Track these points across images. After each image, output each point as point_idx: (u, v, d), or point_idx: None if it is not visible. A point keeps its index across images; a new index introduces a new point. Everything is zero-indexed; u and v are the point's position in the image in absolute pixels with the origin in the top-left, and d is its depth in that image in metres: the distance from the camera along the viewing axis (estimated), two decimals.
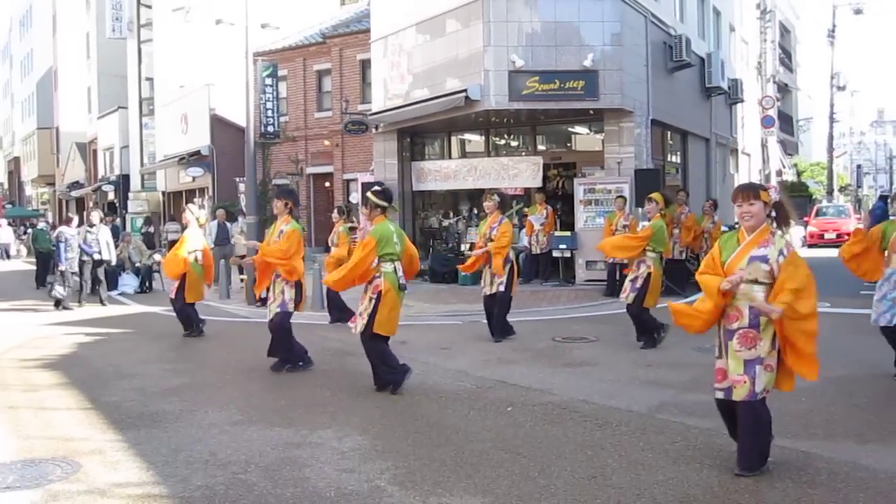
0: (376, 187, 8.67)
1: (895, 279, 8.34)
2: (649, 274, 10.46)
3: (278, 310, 9.51)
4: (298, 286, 9.61)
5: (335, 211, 14.49)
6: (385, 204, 8.40)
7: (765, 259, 5.39)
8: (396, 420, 7.15)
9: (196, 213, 12.24)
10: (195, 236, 12.59)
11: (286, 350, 9.62)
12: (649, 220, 10.89)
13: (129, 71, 39.98)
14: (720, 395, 5.54)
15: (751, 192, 5.51)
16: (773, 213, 5.53)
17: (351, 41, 28.82)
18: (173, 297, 12.37)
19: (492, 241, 11.34)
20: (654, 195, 11.00)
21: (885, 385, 8.14)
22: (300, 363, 9.64)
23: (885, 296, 8.39)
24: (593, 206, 17.98)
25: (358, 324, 8.26)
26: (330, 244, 13.42)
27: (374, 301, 8.11)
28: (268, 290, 9.82)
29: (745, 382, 5.39)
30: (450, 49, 18.48)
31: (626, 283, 10.74)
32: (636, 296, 10.50)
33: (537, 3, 17.63)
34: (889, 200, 9.51)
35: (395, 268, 8.19)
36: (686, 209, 16.89)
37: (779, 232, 5.53)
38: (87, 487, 5.50)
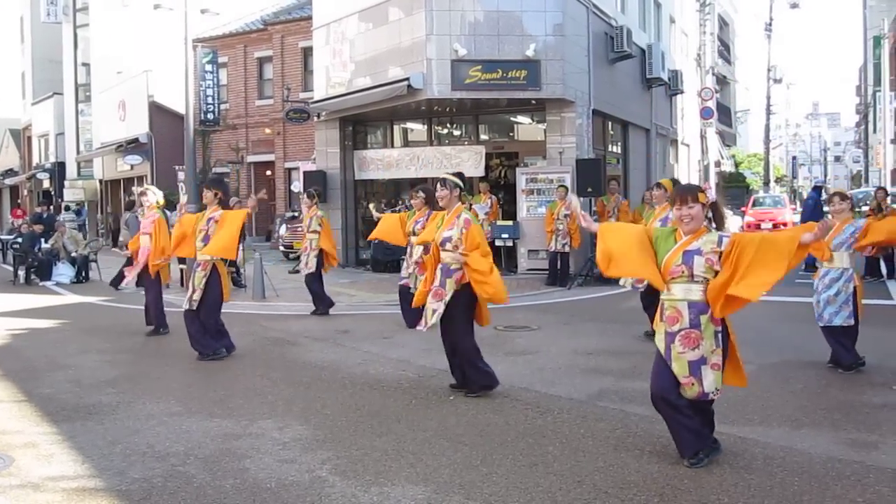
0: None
1: (829, 279, 8.43)
2: None
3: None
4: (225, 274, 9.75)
5: (304, 196, 13.94)
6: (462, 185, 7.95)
7: (699, 252, 5.31)
8: (338, 410, 7.11)
9: (158, 196, 11.84)
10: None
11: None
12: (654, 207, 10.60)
13: (64, 56, 39.08)
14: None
15: (689, 194, 5.41)
16: (710, 214, 5.45)
17: (292, 28, 28.59)
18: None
19: (415, 234, 10.98)
20: (665, 182, 10.52)
21: (819, 372, 8.31)
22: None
23: (819, 295, 8.51)
24: (535, 196, 18.08)
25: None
26: (306, 230, 13.08)
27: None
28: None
29: (692, 384, 5.37)
30: (392, 37, 18.39)
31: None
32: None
33: None
34: (823, 192, 9.64)
35: None
36: (620, 197, 17.51)
37: (713, 228, 5.46)
38: (20, 482, 5.38)
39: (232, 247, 9.71)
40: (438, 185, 7.76)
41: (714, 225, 5.44)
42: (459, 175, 7.88)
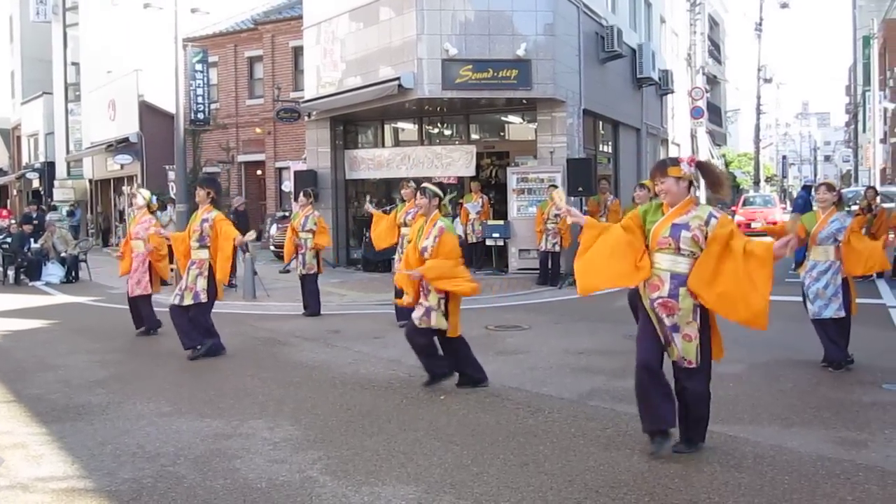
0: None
1: (816, 272, 8.47)
2: None
3: (192, 301, 9.58)
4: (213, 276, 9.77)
5: (301, 195, 13.88)
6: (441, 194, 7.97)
7: (686, 227, 5.43)
8: (328, 409, 7.10)
9: (148, 197, 11.82)
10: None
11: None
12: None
13: (54, 55, 38.88)
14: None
15: (657, 171, 5.61)
16: (696, 183, 5.64)
17: (283, 28, 28.55)
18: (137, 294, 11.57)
19: (406, 225, 11.28)
20: (648, 182, 10.70)
21: (809, 370, 8.34)
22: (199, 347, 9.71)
23: (807, 289, 8.54)
24: (526, 195, 18.08)
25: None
26: (299, 229, 13.01)
27: (444, 301, 7.65)
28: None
29: (671, 346, 5.53)
30: (383, 37, 18.37)
31: None
32: None
33: None
34: (812, 190, 9.66)
35: None
36: (610, 196, 17.57)
37: (703, 203, 5.63)
38: (9, 482, 5.35)
39: (227, 273, 10.13)
40: (418, 194, 7.80)
41: (705, 192, 5.63)
42: (440, 185, 7.96)
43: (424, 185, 7.91)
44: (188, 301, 9.57)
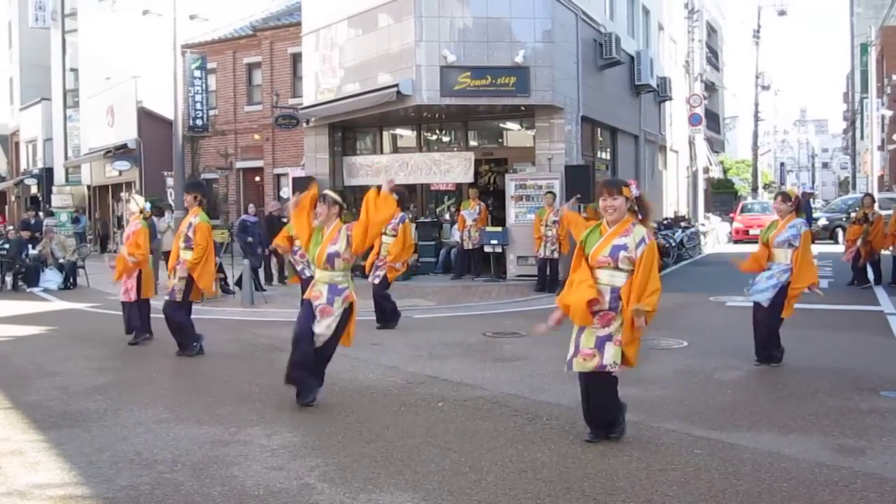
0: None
1: (769, 272, 8.88)
2: None
3: (167, 298, 10.10)
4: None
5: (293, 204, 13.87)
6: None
7: (625, 247, 5.86)
8: (326, 416, 7.09)
9: (141, 204, 11.83)
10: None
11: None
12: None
13: (52, 61, 38.94)
14: (566, 367, 6.15)
15: (614, 188, 6.01)
16: (637, 208, 6.05)
17: (282, 34, 28.55)
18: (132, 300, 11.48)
19: (387, 234, 11.73)
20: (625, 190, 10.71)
21: (807, 377, 8.34)
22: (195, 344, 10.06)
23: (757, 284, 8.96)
24: (524, 202, 18.08)
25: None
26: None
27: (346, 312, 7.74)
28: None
29: (593, 356, 5.95)
30: (381, 44, 18.40)
31: None
32: None
33: None
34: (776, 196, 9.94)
35: None
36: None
37: (637, 224, 6.00)
38: (6, 490, 5.34)
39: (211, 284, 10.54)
40: (318, 201, 7.57)
41: (640, 217, 6.03)
42: (341, 193, 7.92)
43: (325, 191, 7.71)
44: (179, 297, 10.01)
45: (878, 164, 41.33)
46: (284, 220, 16.37)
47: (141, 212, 11.57)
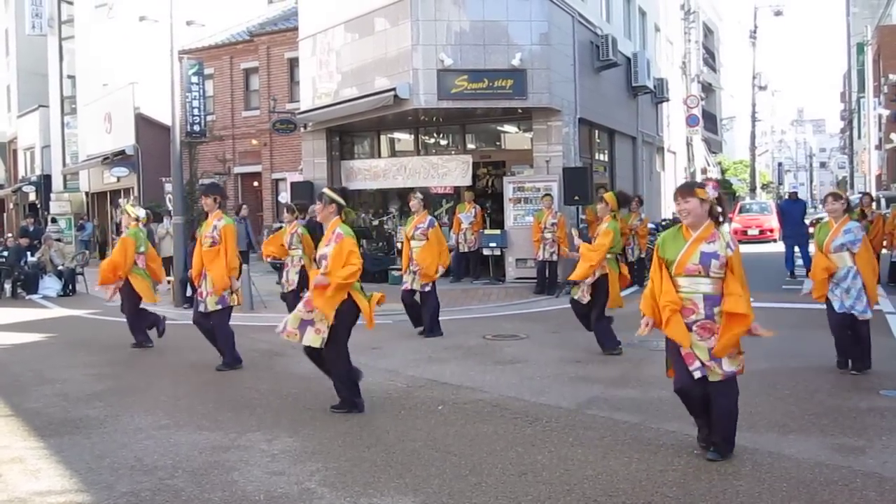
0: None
1: (837, 278, 8.54)
2: (605, 275, 9.88)
3: (219, 306, 9.67)
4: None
5: (285, 211, 13.83)
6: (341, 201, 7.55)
7: (715, 255, 5.57)
8: (326, 421, 7.09)
9: (134, 213, 11.86)
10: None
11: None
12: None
13: (50, 69, 38.90)
14: (697, 374, 5.68)
15: (686, 189, 5.72)
16: (719, 209, 5.73)
17: (279, 39, 28.57)
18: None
19: (415, 239, 11.79)
20: (606, 195, 10.40)
21: (806, 377, 8.35)
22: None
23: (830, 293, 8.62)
24: (522, 205, 18.08)
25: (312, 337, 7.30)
26: (288, 247, 12.97)
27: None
28: (195, 287, 10.12)
29: (714, 367, 5.64)
30: (378, 48, 18.42)
31: (584, 286, 10.01)
32: (597, 303, 10.03)
33: (465, 2, 17.65)
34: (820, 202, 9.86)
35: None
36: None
37: (723, 227, 5.75)
38: (8, 497, 5.35)
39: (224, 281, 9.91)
40: (317, 200, 7.49)
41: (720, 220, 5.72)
42: (341, 190, 7.76)
43: (322, 190, 7.63)
44: (211, 307, 9.68)
45: (876, 164, 41.37)
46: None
47: (136, 220, 11.61)
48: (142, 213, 11.96)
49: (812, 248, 9.18)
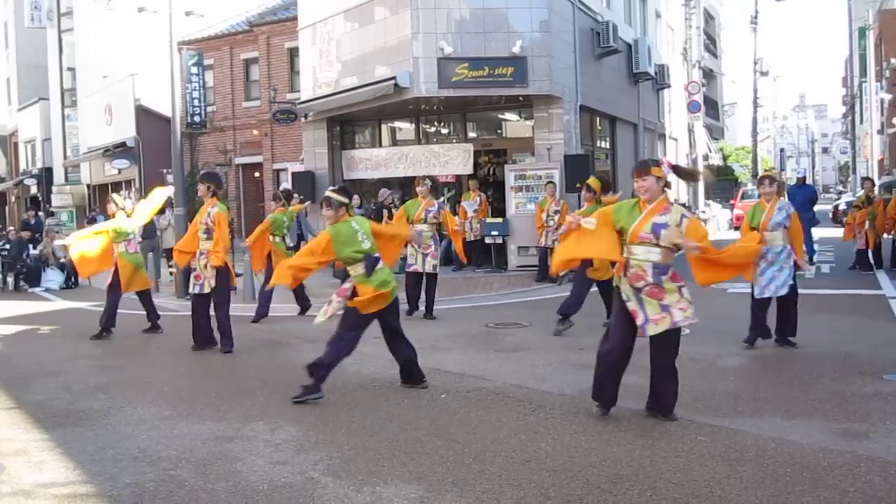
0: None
1: (770, 256, 8.82)
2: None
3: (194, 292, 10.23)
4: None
5: (272, 199, 13.95)
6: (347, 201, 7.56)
7: (665, 226, 6.09)
8: (329, 410, 7.09)
9: (121, 203, 11.91)
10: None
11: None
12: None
13: (49, 61, 38.89)
14: (646, 329, 6.16)
15: (642, 168, 6.26)
16: (677, 176, 6.54)
17: (278, 29, 28.52)
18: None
19: (426, 222, 12.07)
20: (590, 181, 10.69)
21: (809, 362, 8.34)
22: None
23: (762, 272, 8.87)
24: (524, 193, 18.04)
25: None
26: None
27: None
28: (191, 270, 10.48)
29: (664, 318, 6.10)
30: (378, 36, 18.37)
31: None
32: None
33: None
34: (757, 181, 9.98)
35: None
36: (610, 193, 17.78)
37: (676, 203, 6.35)
38: (11, 489, 5.35)
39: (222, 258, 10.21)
40: (324, 205, 7.53)
41: (686, 182, 6.43)
42: (344, 191, 7.70)
43: (327, 194, 7.59)
44: (207, 289, 10.08)
45: (878, 148, 41.30)
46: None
47: (123, 209, 11.72)
48: (129, 203, 12.07)
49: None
